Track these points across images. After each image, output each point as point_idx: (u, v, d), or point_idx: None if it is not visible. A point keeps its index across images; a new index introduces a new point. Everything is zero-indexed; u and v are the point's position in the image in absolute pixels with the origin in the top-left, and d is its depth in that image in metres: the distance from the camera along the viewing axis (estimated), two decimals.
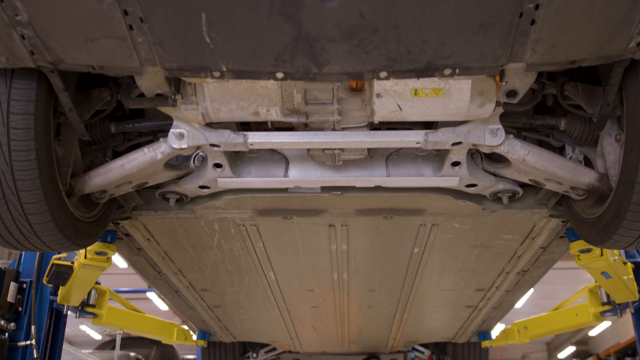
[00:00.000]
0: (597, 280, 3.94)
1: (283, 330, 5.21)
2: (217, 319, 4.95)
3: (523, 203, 2.96)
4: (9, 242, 2.49)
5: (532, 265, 3.85)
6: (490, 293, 4.31)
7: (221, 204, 2.90)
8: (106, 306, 4.51)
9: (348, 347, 5.79)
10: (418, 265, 3.74)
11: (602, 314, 4.49)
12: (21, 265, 4.55)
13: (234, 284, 4.10)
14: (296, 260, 3.71)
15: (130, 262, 3.88)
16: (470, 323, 5.04)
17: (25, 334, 4.37)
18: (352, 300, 4.40)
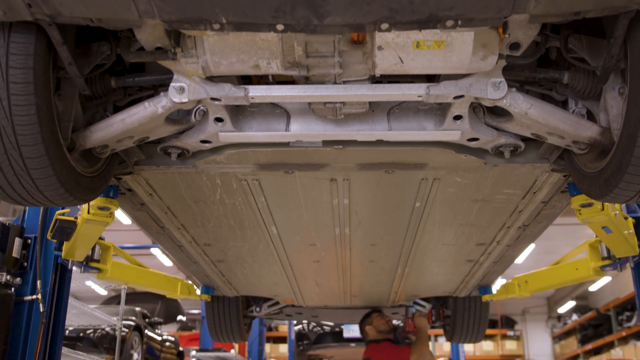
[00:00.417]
0: (598, 234, 3.95)
1: (286, 285, 5.26)
2: (220, 273, 5.00)
3: (525, 157, 2.96)
4: (11, 197, 2.51)
5: (533, 220, 3.86)
6: (491, 247, 4.34)
7: (223, 159, 2.91)
8: (110, 261, 4.55)
9: (350, 301, 5.85)
10: (419, 219, 3.76)
11: (602, 269, 4.51)
12: (25, 222, 4.58)
13: (236, 238, 4.13)
14: (298, 215, 3.73)
15: (133, 218, 3.90)
16: (471, 277, 5.08)
17: (31, 289, 4.42)
18: (354, 254, 4.44)
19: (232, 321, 5.85)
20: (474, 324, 6.00)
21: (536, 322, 24.64)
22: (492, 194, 3.42)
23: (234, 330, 5.97)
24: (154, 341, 12.19)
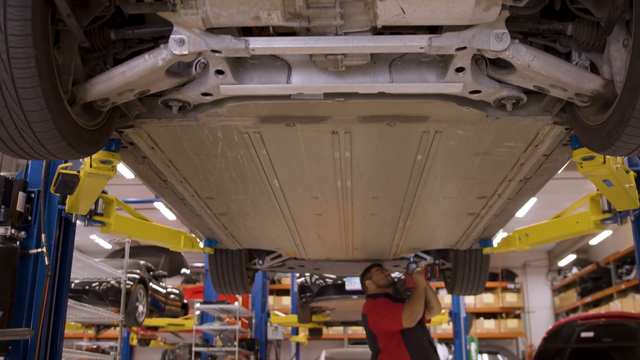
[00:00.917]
0: (599, 188, 3.95)
1: (288, 238, 5.30)
2: (223, 226, 5.03)
3: (527, 110, 2.94)
4: (13, 151, 2.52)
5: (535, 173, 3.87)
6: (492, 201, 4.35)
7: (224, 112, 2.90)
8: (114, 215, 4.58)
9: (352, 254, 5.89)
10: (421, 172, 3.76)
11: (603, 222, 4.53)
12: (28, 176, 4.60)
13: (238, 191, 4.15)
14: (300, 168, 3.74)
15: (135, 171, 3.91)
16: (472, 230, 5.11)
17: (35, 242, 4.47)
18: (356, 207, 4.45)
19: (235, 274, 5.91)
20: (475, 276, 6.06)
21: (536, 275, 24.88)
22: (493, 147, 3.42)
23: (237, 282, 6.04)
24: (159, 294, 12.36)
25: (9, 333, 4.03)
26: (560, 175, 12.72)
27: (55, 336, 4.44)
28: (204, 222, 4.93)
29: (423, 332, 5.57)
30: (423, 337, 5.54)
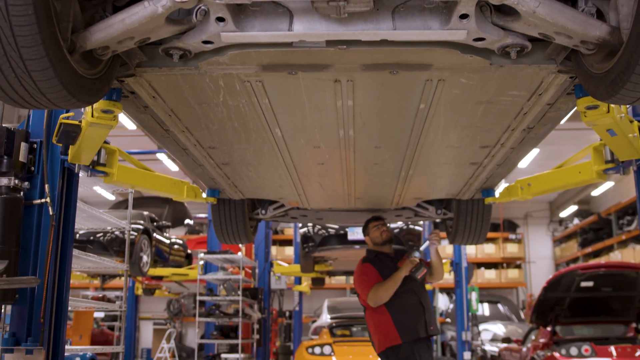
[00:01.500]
0: (602, 137, 3.94)
1: (290, 187, 5.31)
2: (225, 176, 5.04)
3: (531, 58, 2.91)
4: (14, 100, 2.51)
5: (538, 123, 3.85)
6: (495, 150, 4.34)
7: (225, 60, 2.88)
8: (116, 165, 4.59)
9: (354, 203, 5.91)
10: (424, 121, 3.75)
11: (605, 172, 4.53)
12: (30, 126, 4.59)
13: (241, 141, 4.14)
14: (302, 117, 3.72)
15: (137, 121, 3.90)
16: (475, 180, 5.11)
17: (39, 193, 4.49)
18: (358, 157, 4.45)
19: (238, 223, 5.94)
20: (477, 226, 6.08)
21: (538, 225, 25.03)
22: (497, 96, 3.40)
23: (240, 232, 6.07)
24: (163, 244, 12.48)
25: (15, 281, 4.08)
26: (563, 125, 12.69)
27: (62, 285, 4.50)
28: (207, 172, 4.94)
29: (415, 293, 5.31)
30: (412, 298, 5.28)
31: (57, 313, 4.44)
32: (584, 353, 8.66)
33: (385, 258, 5.50)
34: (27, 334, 4.29)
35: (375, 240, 5.48)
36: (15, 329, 4.32)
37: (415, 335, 5.13)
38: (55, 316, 4.43)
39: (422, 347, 5.14)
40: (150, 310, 24.64)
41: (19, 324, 4.32)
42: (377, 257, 5.51)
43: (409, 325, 5.14)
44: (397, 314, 5.17)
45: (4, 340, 4.27)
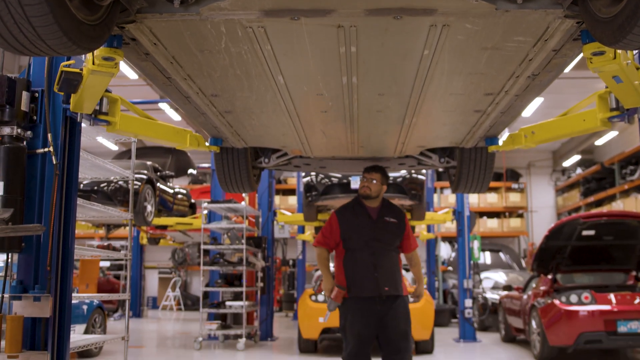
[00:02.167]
0: (608, 84, 3.91)
1: (294, 136, 5.29)
2: (228, 124, 5.02)
3: (537, 3, 2.87)
4: (14, 47, 2.49)
5: (543, 69, 3.81)
6: (499, 97, 4.31)
7: (227, 5, 2.84)
8: (119, 114, 4.56)
9: (357, 151, 5.89)
10: (428, 68, 3.71)
11: (610, 120, 4.49)
12: (31, 75, 4.57)
13: (243, 89, 4.12)
14: (305, 64, 3.69)
15: (138, 68, 3.87)
16: (478, 128, 5.08)
17: (42, 142, 4.49)
18: (362, 104, 4.42)
19: (241, 172, 5.95)
20: (480, 174, 6.07)
21: (540, 175, 25.06)
22: (502, 42, 3.36)
23: (244, 180, 6.08)
24: (167, 194, 12.54)
25: (21, 229, 4.12)
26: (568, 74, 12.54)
27: (67, 233, 4.54)
28: (209, 121, 4.92)
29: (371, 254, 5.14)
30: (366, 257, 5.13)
31: (63, 261, 4.50)
32: (584, 300, 8.76)
33: (361, 210, 5.28)
34: (35, 281, 4.35)
35: (360, 192, 5.33)
36: (22, 277, 4.38)
37: (360, 292, 5.07)
38: (61, 264, 4.48)
39: (368, 306, 5.05)
40: (155, 259, 24.94)
41: (26, 272, 4.37)
42: (353, 207, 5.35)
43: (357, 282, 5.11)
44: (349, 269, 5.15)
45: (12, 287, 4.34)
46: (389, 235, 5.24)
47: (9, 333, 4.11)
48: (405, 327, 5.09)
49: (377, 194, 5.28)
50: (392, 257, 5.26)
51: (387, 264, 5.19)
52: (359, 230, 5.22)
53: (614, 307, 8.65)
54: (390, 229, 5.26)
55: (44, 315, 4.28)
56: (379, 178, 5.27)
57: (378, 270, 5.12)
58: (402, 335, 5.04)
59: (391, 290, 5.11)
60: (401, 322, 5.08)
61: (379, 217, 5.27)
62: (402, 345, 5.03)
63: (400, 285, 5.19)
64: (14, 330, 4.12)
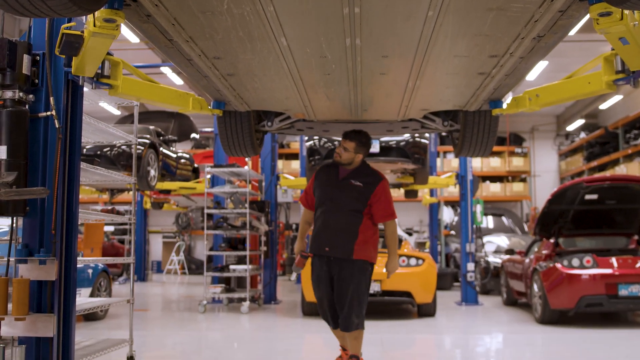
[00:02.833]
0: (614, 46, 3.86)
1: (296, 99, 5.26)
2: (231, 87, 4.99)
3: None
4: (14, 8, 2.47)
5: (549, 31, 3.77)
6: (503, 60, 4.27)
7: None
8: (121, 77, 4.54)
9: (360, 114, 5.86)
10: (432, 29, 3.67)
11: (615, 82, 4.46)
12: (32, 38, 4.53)
13: (246, 51, 4.08)
14: (308, 25, 3.65)
15: (140, 30, 3.84)
16: (482, 90, 5.05)
17: (44, 106, 4.48)
18: (365, 67, 4.39)
19: (244, 135, 5.93)
20: (483, 137, 6.04)
21: (544, 139, 25.00)
22: (507, 2, 3.32)
23: (247, 144, 6.06)
24: (170, 158, 12.54)
25: (25, 192, 4.13)
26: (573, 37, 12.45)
27: (71, 197, 4.55)
28: (212, 84, 4.90)
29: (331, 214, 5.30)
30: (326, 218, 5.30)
31: (67, 224, 4.52)
32: (586, 264, 8.82)
33: (334, 171, 5.44)
34: (40, 245, 4.37)
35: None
36: (27, 241, 4.40)
37: (316, 250, 5.34)
38: (66, 228, 4.50)
39: (319, 265, 5.32)
40: (159, 223, 25.08)
41: (31, 236, 4.40)
42: (329, 167, 5.52)
43: (313, 240, 5.38)
44: (314, 227, 5.42)
45: (18, 251, 4.37)
46: (345, 197, 5.31)
47: (16, 296, 4.15)
48: (348, 291, 5.14)
49: (348, 162, 5.37)
50: (346, 220, 5.28)
51: (335, 225, 5.29)
52: (323, 189, 5.43)
53: (615, 271, 8.71)
54: (349, 192, 5.32)
55: (49, 278, 4.31)
56: (352, 147, 5.33)
57: (325, 230, 5.31)
58: (343, 298, 5.16)
59: (331, 251, 5.25)
60: (343, 285, 5.17)
61: (344, 178, 5.38)
62: (345, 308, 5.15)
63: (347, 249, 5.22)
64: (21, 293, 4.16)
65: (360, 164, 5.43)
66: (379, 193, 5.31)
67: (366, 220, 5.30)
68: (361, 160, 5.44)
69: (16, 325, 4.24)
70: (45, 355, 4.34)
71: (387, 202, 5.37)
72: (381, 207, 5.33)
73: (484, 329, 9.52)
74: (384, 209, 5.34)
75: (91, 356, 5.03)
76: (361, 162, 5.44)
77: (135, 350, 5.79)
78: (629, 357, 6.96)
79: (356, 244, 5.22)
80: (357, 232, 5.24)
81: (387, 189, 5.40)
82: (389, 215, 5.38)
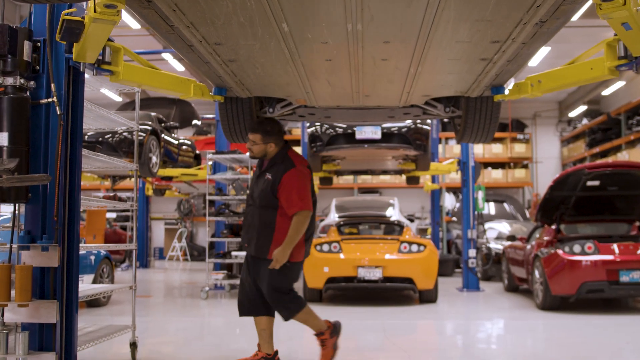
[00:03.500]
0: (617, 31, 3.85)
1: (298, 85, 5.25)
2: (232, 74, 4.98)
3: None
4: None
5: (551, 16, 3.75)
6: (506, 45, 4.25)
7: None
8: (122, 63, 4.53)
9: (362, 101, 5.85)
10: (434, 15, 3.66)
11: (618, 68, 4.44)
12: (32, 25, 4.52)
13: (247, 37, 4.07)
14: (309, 11, 3.64)
15: (141, 17, 3.82)
16: (484, 76, 5.03)
17: (45, 92, 4.48)
18: (367, 52, 4.37)
19: (245, 121, 5.92)
20: (485, 124, 6.03)
21: (546, 125, 24.96)
22: None
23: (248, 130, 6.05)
24: (171, 145, 12.54)
25: (27, 179, 4.14)
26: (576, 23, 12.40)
27: (73, 184, 4.56)
28: (213, 70, 4.88)
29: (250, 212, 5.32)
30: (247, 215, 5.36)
31: (69, 211, 4.53)
32: (587, 250, 8.83)
33: (260, 164, 5.49)
34: (42, 232, 4.39)
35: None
36: (30, 227, 4.42)
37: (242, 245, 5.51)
38: (68, 214, 4.51)
39: (246, 260, 5.37)
40: (161, 210, 25.13)
41: (34, 222, 4.42)
42: (261, 160, 5.49)
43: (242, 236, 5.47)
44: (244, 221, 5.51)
45: (20, 238, 4.38)
46: (258, 191, 5.26)
47: (19, 282, 4.16)
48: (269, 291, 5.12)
49: (261, 154, 5.31)
50: (260, 215, 5.20)
51: (251, 221, 5.28)
52: (251, 184, 5.54)
53: (616, 257, 8.72)
54: (261, 185, 5.26)
55: (52, 264, 4.33)
56: (258, 139, 5.26)
57: (244, 227, 5.37)
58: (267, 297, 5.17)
59: (249, 249, 5.29)
60: (263, 285, 5.16)
61: (261, 172, 5.35)
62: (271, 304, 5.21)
63: (263, 248, 5.15)
64: (23, 279, 4.18)
65: (275, 153, 5.29)
66: (284, 182, 5.09)
67: (282, 216, 5.13)
68: (278, 149, 5.30)
69: (19, 312, 4.26)
70: (48, 341, 4.36)
71: (292, 190, 5.08)
72: (285, 197, 5.09)
73: (485, 315, 9.56)
74: (287, 199, 5.08)
75: (94, 342, 5.06)
76: (277, 152, 5.30)
77: (138, 336, 5.82)
78: (630, 343, 6.98)
79: (273, 243, 5.11)
80: (273, 229, 5.13)
81: (296, 177, 5.14)
82: (293, 206, 5.06)
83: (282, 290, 5.14)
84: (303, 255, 5.27)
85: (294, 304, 5.19)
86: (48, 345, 4.36)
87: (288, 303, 5.16)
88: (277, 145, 5.30)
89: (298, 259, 5.20)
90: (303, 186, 5.15)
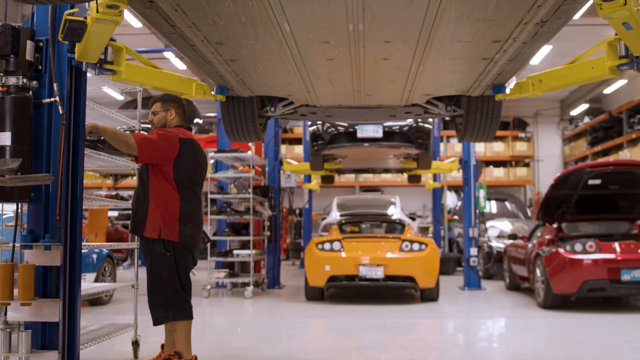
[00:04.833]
0: (617, 31, 3.86)
1: (300, 84, 5.27)
2: (234, 73, 4.99)
3: None
4: None
5: (552, 16, 3.76)
6: (507, 45, 4.26)
7: None
8: (124, 62, 4.55)
9: (363, 100, 5.86)
10: (435, 14, 3.67)
11: (619, 67, 4.46)
12: (35, 25, 4.53)
13: (248, 36, 4.08)
14: (311, 11, 3.65)
15: (143, 16, 3.84)
16: (486, 76, 5.04)
17: (48, 92, 4.48)
18: (368, 52, 4.39)
19: (247, 121, 5.93)
20: (486, 123, 6.04)
21: (548, 124, 24.94)
22: None
23: (250, 129, 6.07)
24: None
25: (29, 179, 4.15)
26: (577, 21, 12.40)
27: (75, 183, 4.56)
28: (215, 69, 4.89)
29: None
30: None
31: (72, 210, 4.54)
32: (589, 249, 8.82)
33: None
34: (45, 231, 4.39)
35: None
36: (32, 227, 4.42)
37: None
38: (70, 213, 4.52)
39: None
40: None
41: (36, 222, 4.42)
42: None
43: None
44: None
45: (23, 237, 4.39)
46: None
47: (21, 281, 4.18)
48: (148, 276, 4.66)
49: (161, 123, 4.88)
50: (139, 189, 4.73)
51: (134, 197, 4.79)
52: None
53: (618, 256, 8.72)
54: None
55: (54, 263, 4.34)
56: (158, 107, 4.90)
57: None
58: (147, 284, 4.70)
59: (132, 227, 4.71)
60: (147, 268, 4.70)
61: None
62: (148, 288, 4.68)
63: (139, 224, 4.61)
64: (26, 278, 4.19)
65: (173, 127, 4.83)
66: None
67: (156, 183, 4.59)
68: (178, 123, 4.88)
69: (22, 310, 4.27)
70: (51, 339, 4.38)
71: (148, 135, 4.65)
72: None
73: (487, 313, 9.56)
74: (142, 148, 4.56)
75: (96, 340, 5.07)
76: (175, 127, 4.84)
77: (140, 335, 5.83)
78: (631, 342, 6.99)
79: (148, 217, 4.56)
80: (147, 201, 4.59)
81: (158, 134, 4.67)
82: (137, 137, 4.61)
83: (170, 281, 4.55)
84: (177, 236, 4.59)
85: (179, 304, 4.58)
86: (51, 344, 4.37)
87: (172, 299, 4.57)
88: (178, 115, 4.86)
89: (172, 238, 4.57)
90: (157, 140, 4.63)
